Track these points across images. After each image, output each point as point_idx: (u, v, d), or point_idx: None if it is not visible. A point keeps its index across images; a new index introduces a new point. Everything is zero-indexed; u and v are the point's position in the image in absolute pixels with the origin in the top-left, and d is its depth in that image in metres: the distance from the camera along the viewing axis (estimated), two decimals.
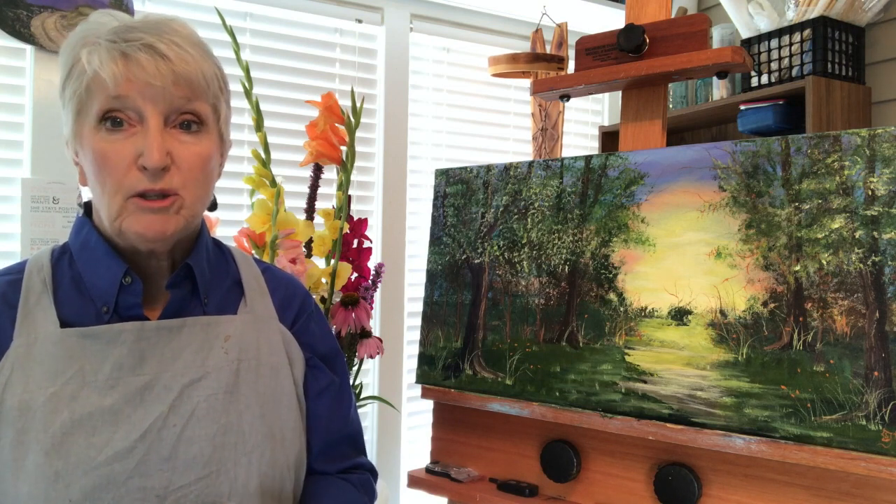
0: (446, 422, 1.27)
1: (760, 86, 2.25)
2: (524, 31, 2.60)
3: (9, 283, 0.82)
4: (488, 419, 1.20)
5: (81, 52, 0.77)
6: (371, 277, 1.59)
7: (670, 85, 2.17)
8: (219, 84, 0.84)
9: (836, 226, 0.90)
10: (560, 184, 1.15)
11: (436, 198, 1.32)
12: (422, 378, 1.26)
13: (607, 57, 1.20)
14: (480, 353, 1.19)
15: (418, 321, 1.31)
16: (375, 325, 2.30)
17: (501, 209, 1.21)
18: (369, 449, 2.22)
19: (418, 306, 2.14)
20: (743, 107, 2.26)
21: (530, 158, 2.17)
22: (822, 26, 2.12)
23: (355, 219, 1.59)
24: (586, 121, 2.87)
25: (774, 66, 2.22)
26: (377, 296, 2.03)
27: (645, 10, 1.20)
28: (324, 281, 1.52)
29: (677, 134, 2.75)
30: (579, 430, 1.09)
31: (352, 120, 1.53)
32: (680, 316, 1.00)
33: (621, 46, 1.17)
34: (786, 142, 0.96)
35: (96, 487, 0.74)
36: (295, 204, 1.80)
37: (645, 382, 1.00)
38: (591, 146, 2.85)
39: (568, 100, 1.29)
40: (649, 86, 1.19)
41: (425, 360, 1.26)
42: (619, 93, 1.23)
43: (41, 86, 1.77)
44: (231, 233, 1.52)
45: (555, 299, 1.12)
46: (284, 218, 1.44)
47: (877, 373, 0.85)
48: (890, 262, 0.86)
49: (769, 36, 2.24)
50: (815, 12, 2.16)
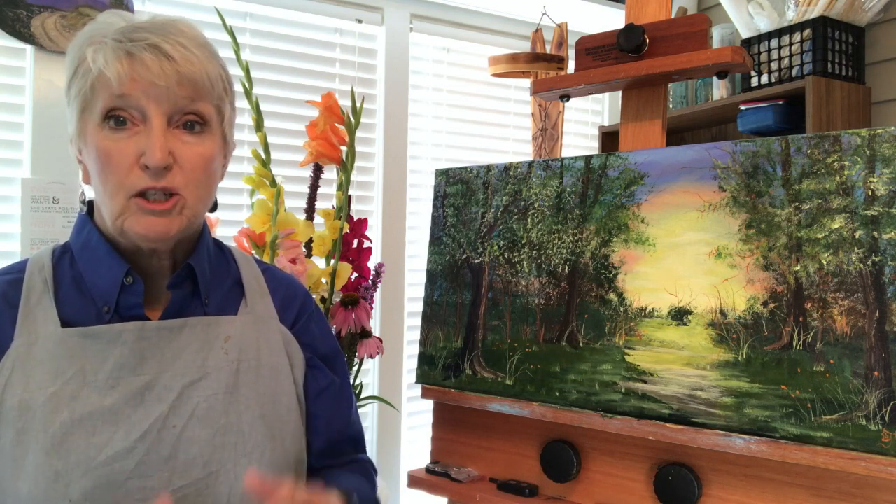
0: (446, 422, 1.27)
1: (760, 86, 2.25)
2: (524, 31, 2.60)
3: (10, 282, 0.82)
4: (488, 419, 1.20)
5: (87, 51, 0.78)
6: (371, 277, 1.59)
7: (670, 85, 2.17)
8: (223, 85, 0.84)
9: (836, 226, 0.90)
10: (560, 184, 1.15)
11: (436, 198, 1.32)
12: (422, 378, 1.26)
13: (607, 57, 1.20)
14: (480, 353, 1.19)
15: (418, 321, 1.31)
16: (375, 325, 2.30)
17: (501, 209, 1.21)
18: (369, 449, 2.22)
19: (418, 306, 2.14)
20: (743, 107, 2.26)
21: (530, 158, 2.17)
22: (822, 26, 2.12)
23: (355, 219, 1.59)
24: (586, 121, 2.87)
25: (774, 66, 2.22)
26: (377, 296, 2.03)
27: (645, 10, 1.20)
28: (324, 281, 1.52)
29: (677, 134, 2.75)
30: (579, 430, 1.09)
31: (352, 120, 1.53)
32: (680, 316, 1.00)
33: (621, 46, 1.17)
34: (786, 142, 0.96)
35: (96, 487, 0.74)
36: (295, 204, 1.80)
37: (645, 382, 1.00)
38: (591, 146, 2.85)
39: (568, 100, 1.29)
40: (649, 86, 1.19)
41: (425, 360, 1.26)
42: (619, 93, 1.23)
43: (41, 86, 1.78)
44: (231, 233, 1.52)
45: (555, 299, 1.12)
46: (284, 218, 1.44)
47: (877, 373, 0.85)
48: (890, 262, 0.86)
49: (769, 36, 2.24)
50: (815, 12, 2.16)
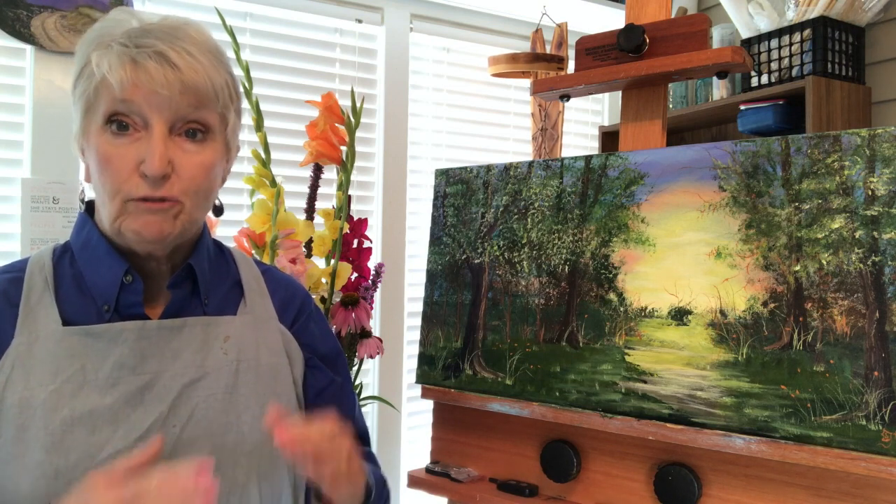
0: (446, 422, 1.27)
1: (760, 86, 2.25)
2: (524, 31, 2.60)
3: (10, 280, 0.82)
4: (488, 419, 1.20)
5: (93, 54, 0.78)
6: (371, 277, 1.59)
7: (670, 85, 2.17)
8: (229, 93, 0.84)
9: (836, 226, 0.90)
10: (560, 184, 1.15)
11: (436, 198, 1.32)
12: (422, 378, 1.26)
13: (607, 57, 1.20)
14: (480, 353, 1.19)
15: (418, 321, 1.31)
16: (375, 325, 2.30)
17: (501, 209, 1.21)
18: None
19: (418, 306, 2.13)
20: (743, 107, 2.26)
21: (530, 158, 2.17)
22: (822, 26, 2.12)
23: (355, 219, 1.59)
24: (586, 121, 2.87)
25: (774, 66, 2.22)
26: (377, 296, 2.03)
27: (645, 10, 1.20)
28: (324, 281, 1.52)
29: (677, 134, 2.75)
30: (579, 430, 1.09)
31: (352, 120, 1.53)
32: (680, 316, 1.00)
33: (621, 46, 1.17)
34: (786, 142, 0.96)
35: None
36: (295, 204, 1.79)
37: (645, 382, 1.00)
38: (591, 146, 2.85)
39: (568, 100, 1.29)
40: (649, 86, 1.19)
41: (425, 360, 1.26)
42: (619, 93, 1.23)
43: (41, 86, 1.78)
44: (231, 233, 1.52)
45: (555, 299, 1.12)
46: (284, 218, 1.44)
47: (877, 373, 0.85)
48: (890, 262, 0.86)
49: (769, 36, 2.24)
50: (815, 12, 2.16)
